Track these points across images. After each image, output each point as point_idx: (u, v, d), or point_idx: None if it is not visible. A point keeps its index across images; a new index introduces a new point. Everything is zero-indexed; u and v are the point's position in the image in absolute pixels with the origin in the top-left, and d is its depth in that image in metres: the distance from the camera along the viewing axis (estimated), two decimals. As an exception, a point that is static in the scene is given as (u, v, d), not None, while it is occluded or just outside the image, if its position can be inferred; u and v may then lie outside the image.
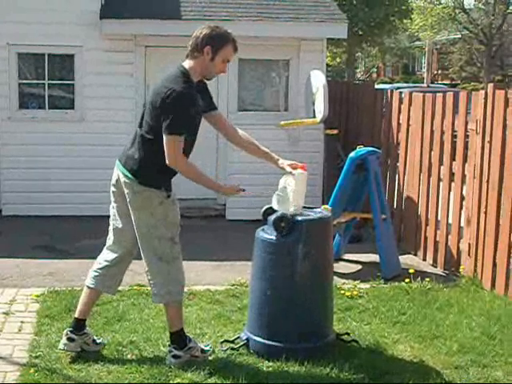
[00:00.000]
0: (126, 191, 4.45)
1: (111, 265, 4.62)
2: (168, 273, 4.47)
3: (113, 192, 4.60)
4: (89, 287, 4.66)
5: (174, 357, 4.47)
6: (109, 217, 4.70)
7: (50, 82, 9.15)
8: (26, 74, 9.20)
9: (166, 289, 4.49)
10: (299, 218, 4.61)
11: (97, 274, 4.64)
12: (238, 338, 4.84)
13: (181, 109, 4.24)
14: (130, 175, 4.40)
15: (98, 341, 4.72)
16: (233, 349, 4.73)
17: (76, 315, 4.67)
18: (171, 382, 4.23)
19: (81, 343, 4.59)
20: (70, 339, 4.56)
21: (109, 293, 4.84)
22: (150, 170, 4.39)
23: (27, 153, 9.00)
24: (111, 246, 4.65)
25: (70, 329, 4.60)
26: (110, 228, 4.67)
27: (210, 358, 4.59)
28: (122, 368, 4.41)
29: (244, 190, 4.52)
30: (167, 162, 4.29)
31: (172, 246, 4.48)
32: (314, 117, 8.40)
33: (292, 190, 4.62)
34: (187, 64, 4.43)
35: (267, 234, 4.69)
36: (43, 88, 9.16)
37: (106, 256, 4.65)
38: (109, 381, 4.26)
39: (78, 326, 4.61)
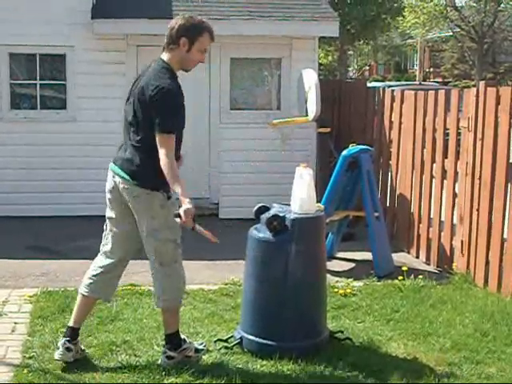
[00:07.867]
0: (126, 197, 4.36)
1: (107, 271, 4.51)
2: (168, 279, 4.45)
3: (109, 199, 4.50)
4: (84, 295, 4.55)
5: (168, 357, 4.46)
6: (101, 217, 4.66)
7: (42, 82, 9.13)
8: (18, 74, 9.17)
9: (165, 295, 4.46)
10: (292, 217, 4.62)
11: (92, 281, 4.51)
12: (232, 336, 4.85)
13: (169, 106, 4.21)
14: (128, 178, 4.30)
15: (83, 348, 4.62)
16: (226, 348, 4.73)
17: (71, 324, 4.54)
18: (165, 381, 4.23)
19: (75, 352, 4.49)
20: (67, 349, 4.44)
21: (106, 299, 4.77)
22: (149, 172, 4.28)
23: (19, 153, 8.97)
24: (107, 251, 4.52)
25: (68, 338, 4.47)
26: (107, 234, 4.55)
27: (203, 357, 4.59)
28: (115, 368, 4.41)
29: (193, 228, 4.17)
30: (161, 160, 4.18)
31: (175, 248, 4.44)
32: (307, 115, 8.41)
33: (298, 189, 4.71)
34: (166, 57, 4.39)
35: (260, 232, 4.70)
36: (35, 88, 9.14)
37: (101, 262, 4.53)
38: (102, 381, 4.25)
39: (74, 334, 4.51)
